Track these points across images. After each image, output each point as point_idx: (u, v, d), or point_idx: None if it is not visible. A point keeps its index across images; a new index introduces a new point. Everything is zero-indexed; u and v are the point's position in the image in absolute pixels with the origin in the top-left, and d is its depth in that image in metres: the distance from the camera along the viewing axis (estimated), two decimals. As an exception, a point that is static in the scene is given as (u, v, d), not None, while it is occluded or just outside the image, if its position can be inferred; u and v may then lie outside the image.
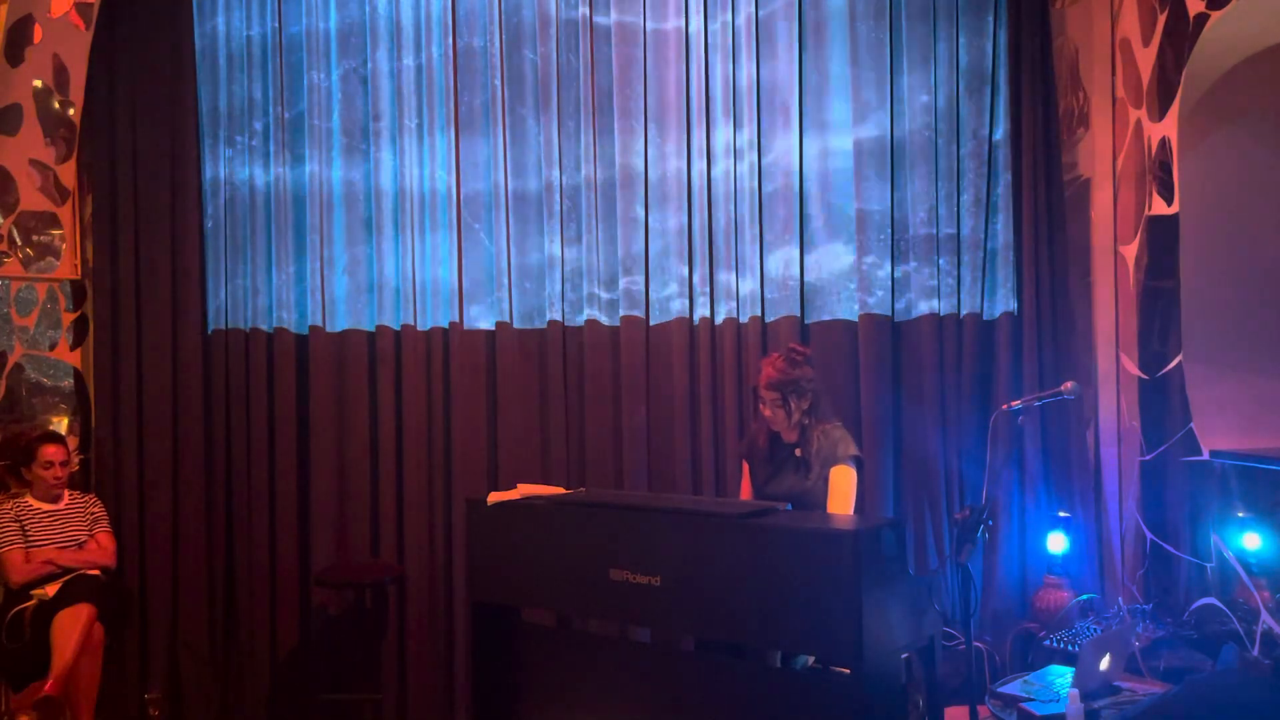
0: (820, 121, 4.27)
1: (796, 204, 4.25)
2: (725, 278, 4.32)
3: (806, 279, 4.28)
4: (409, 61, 4.45)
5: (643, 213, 4.37)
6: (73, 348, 4.47)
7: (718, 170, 4.32)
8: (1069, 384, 3.28)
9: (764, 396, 3.36)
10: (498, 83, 4.42)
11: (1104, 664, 3.03)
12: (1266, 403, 3.51)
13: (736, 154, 4.30)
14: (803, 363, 3.36)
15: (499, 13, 4.42)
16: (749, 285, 4.29)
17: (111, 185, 4.41)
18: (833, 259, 4.28)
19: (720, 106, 4.31)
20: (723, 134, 4.31)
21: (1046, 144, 4.07)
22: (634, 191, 4.37)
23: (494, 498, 3.41)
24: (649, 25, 4.36)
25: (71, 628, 3.67)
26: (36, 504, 4.04)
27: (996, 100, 4.16)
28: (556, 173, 4.42)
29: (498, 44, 4.43)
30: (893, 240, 4.22)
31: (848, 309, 4.25)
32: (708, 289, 4.33)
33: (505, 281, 4.43)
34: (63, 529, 4.04)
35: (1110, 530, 4.07)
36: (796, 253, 4.26)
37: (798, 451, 3.38)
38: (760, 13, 4.27)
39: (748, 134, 4.29)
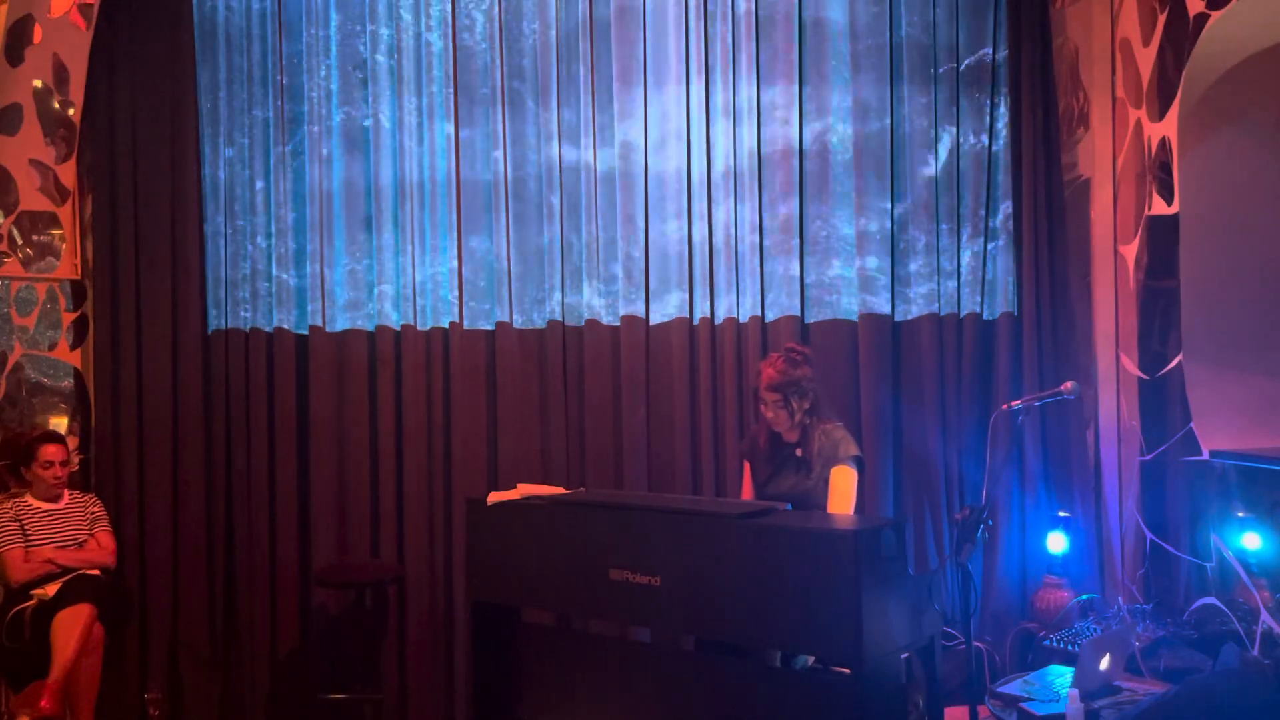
0: (820, 118, 4.28)
1: (797, 203, 4.26)
2: (725, 277, 4.32)
3: (807, 278, 4.29)
4: (408, 60, 4.45)
5: (643, 212, 4.38)
6: (73, 348, 4.47)
7: (718, 170, 4.33)
8: (1069, 384, 3.28)
9: (765, 398, 3.36)
10: (498, 79, 4.43)
11: (1104, 664, 3.03)
12: (1266, 403, 3.51)
13: (737, 153, 4.31)
14: (802, 362, 3.36)
15: (499, 8, 4.43)
16: (749, 285, 4.29)
17: (111, 185, 4.41)
18: (833, 258, 4.28)
19: (720, 109, 4.32)
20: (723, 133, 4.31)
21: (1046, 144, 4.07)
22: (634, 191, 4.38)
23: (494, 498, 3.41)
24: (649, 20, 4.36)
25: (71, 627, 3.67)
26: (36, 503, 4.03)
27: (997, 100, 4.16)
28: (557, 173, 4.42)
29: (498, 42, 4.43)
30: (893, 240, 4.22)
31: (848, 309, 4.26)
32: (708, 288, 4.34)
33: (505, 281, 4.43)
34: (62, 528, 4.04)
35: (1110, 530, 4.07)
36: (797, 252, 4.27)
37: (799, 451, 3.38)
38: (760, 13, 4.28)
39: (748, 133, 4.29)
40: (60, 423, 4.40)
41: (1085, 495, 4.08)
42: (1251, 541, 3.24)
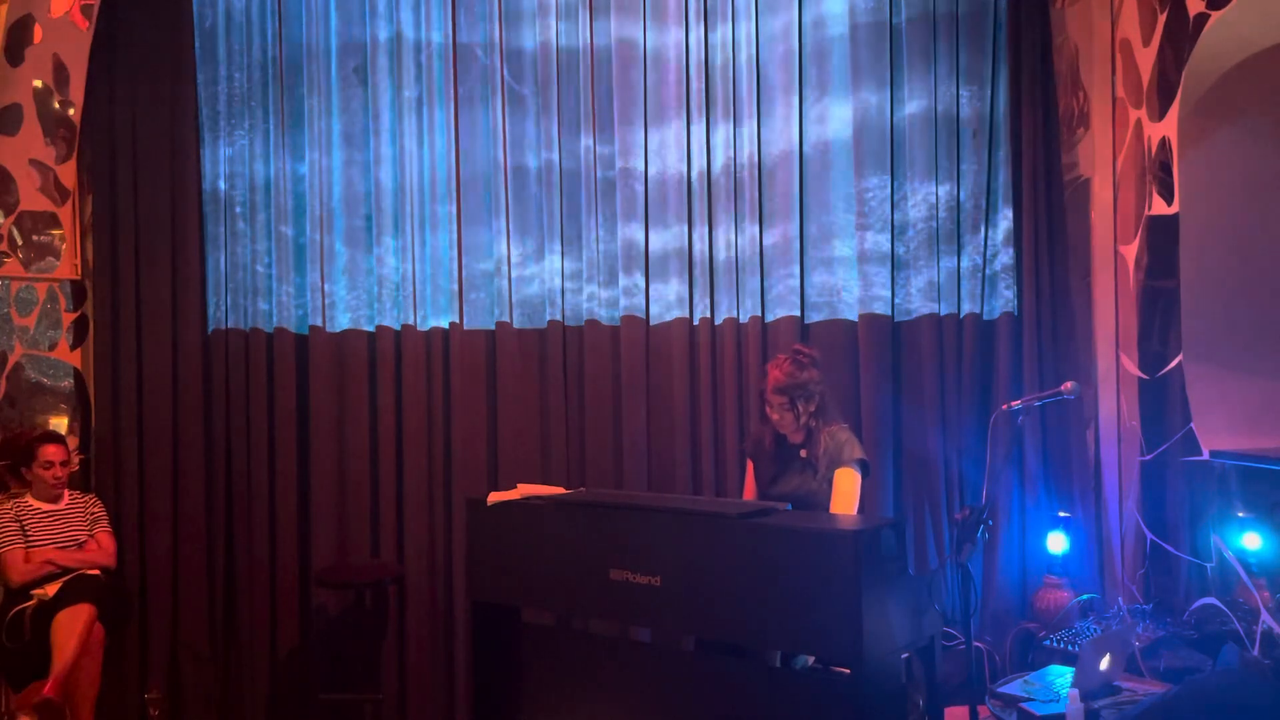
0: (820, 120, 4.28)
1: (797, 203, 4.26)
2: (725, 277, 4.32)
3: (807, 279, 4.29)
4: (408, 60, 4.45)
5: (643, 212, 4.38)
6: (73, 348, 4.46)
7: (718, 169, 4.33)
8: (1069, 384, 3.28)
9: (771, 400, 3.35)
10: (498, 81, 4.43)
11: (1104, 664, 3.03)
12: (1266, 403, 3.51)
13: (737, 151, 4.31)
14: (809, 365, 3.36)
15: (499, 14, 4.43)
16: (749, 285, 4.29)
17: (111, 185, 4.40)
18: (833, 259, 4.28)
19: (720, 105, 4.33)
20: (723, 130, 4.32)
21: (1046, 144, 4.07)
22: (634, 190, 4.38)
23: (494, 498, 3.41)
24: (649, 27, 4.37)
25: (72, 628, 3.67)
26: (36, 504, 4.03)
27: (996, 100, 4.16)
28: (557, 173, 4.42)
29: (498, 47, 4.43)
30: (893, 240, 4.22)
31: (848, 309, 4.26)
32: (708, 288, 4.34)
33: (505, 281, 4.43)
34: (63, 529, 4.04)
35: (1110, 530, 4.07)
36: (797, 252, 4.27)
37: (803, 453, 3.38)
38: (760, 29, 4.29)
39: (748, 131, 4.30)
40: (60, 423, 4.40)
41: (1085, 495, 4.08)
42: (1251, 541, 3.24)
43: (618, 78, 4.38)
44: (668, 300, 4.36)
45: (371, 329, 4.48)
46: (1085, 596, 3.83)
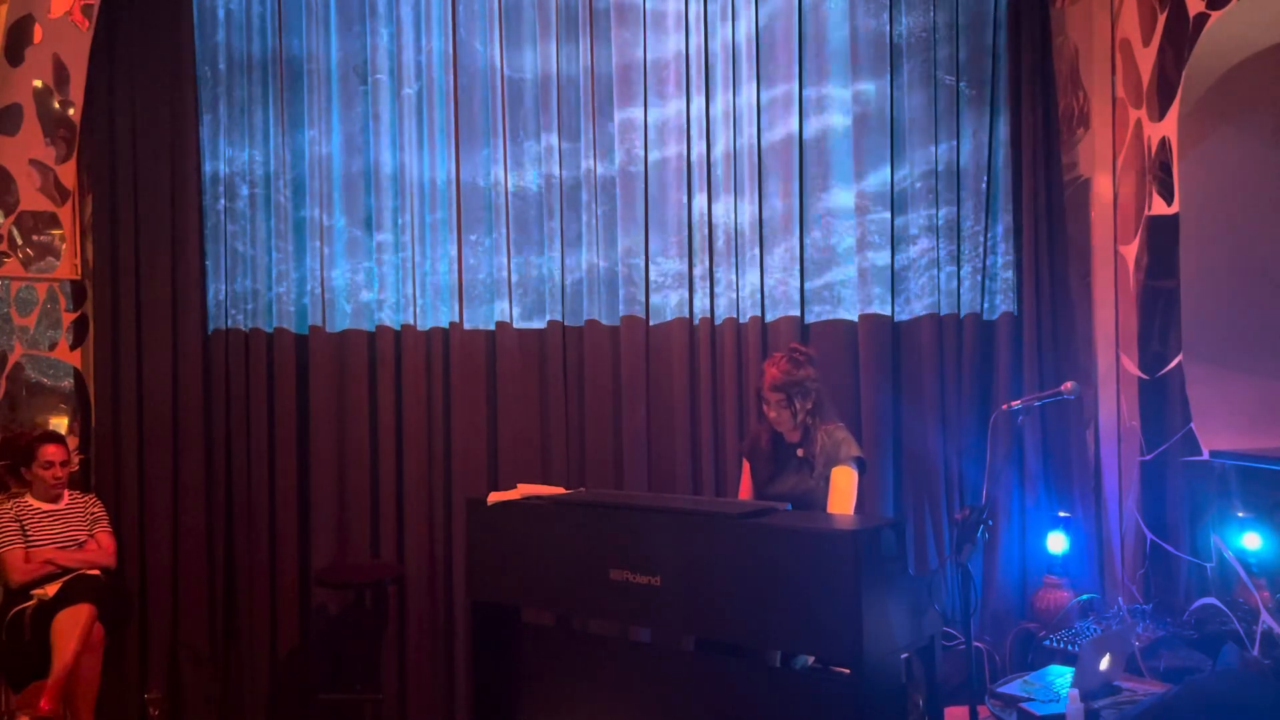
0: (820, 119, 4.28)
1: (797, 203, 4.26)
2: (725, 277, 4.32)
3: (806, 278, 4.29)
4: (408, 59, 4.45)
5: (643, 212, 4.38)
6: (73, 348, 4.47)
7: (717, 170, 4.33)
8: (1069, 384, 3.28)
9: (768, 398, 3.36)
10: (498, 81, 4.43)
11: (1104, 664, 3.03)
12: (1266, 403, 3.51)
13: (737, 153, 4.31)
14: (806, 363, 3.36)
15: (499, 8, 4.43)
16: (749, 285, 4.29)
17: (111, 185, 4.40)
18: (833, 258, 4.28)
19: (720, 107, 4.32)
20: (723, 133, 4.32)
21: (1046, 144, 4.07)
22: (634, 190, 4.38)
23: (494, 498, 3.41)
24: (648, 28, 4.37)
25: (72, 627, 3.67)
26: (36, 504, 4.03)
27: (996, 100, 4.16)
28: (556, 171, 4.42)
29: (498, 43, 4.43)
30: (893, 240, 4.22)
31: (848, 309, 4.26)
32: (708, 289, 4.34)
33: (505, 281, 4.43)
34: (63, 529, 4.04)
35: (1110, 530, 4.07)
36: (797, 252, 4.27)
37: (800, 451, 3.38)
38: (760, 24, 4.29)
39: (748, 133, 4.29)
40: (60, 423, 4.40)
41: (1085, 495, 4.08)
42: (1251, 541, 3.24)
43: (617, 75, 4.38)
44: (667, 300, 4.36)
45: (371, 329, 4.48)
46: (1085, 596, 3.84)
